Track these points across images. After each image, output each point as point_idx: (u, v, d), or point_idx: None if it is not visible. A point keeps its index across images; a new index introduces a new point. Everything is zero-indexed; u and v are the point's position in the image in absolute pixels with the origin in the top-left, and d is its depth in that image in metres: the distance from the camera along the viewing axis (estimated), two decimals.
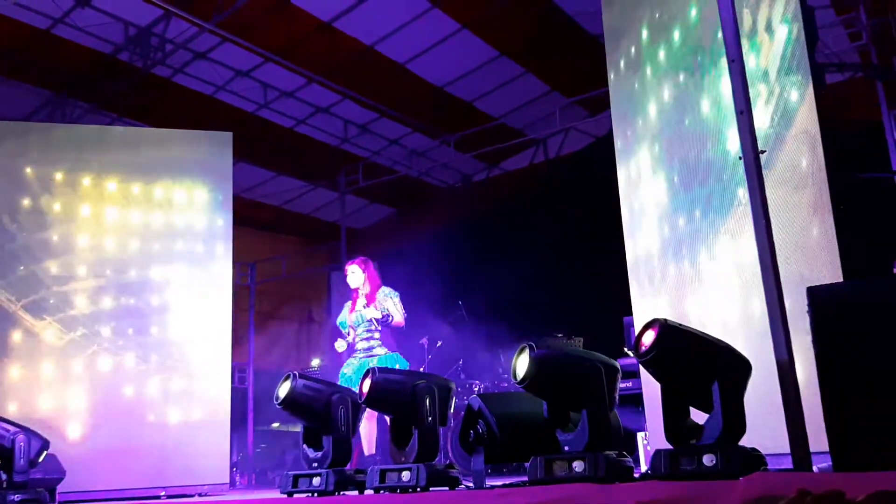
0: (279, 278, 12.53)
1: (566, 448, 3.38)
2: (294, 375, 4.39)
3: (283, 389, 4.36)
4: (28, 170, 8.08)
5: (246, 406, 11.08)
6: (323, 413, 4.31)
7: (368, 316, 6.04)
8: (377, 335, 6.11)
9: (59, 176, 8.12)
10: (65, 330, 7.76)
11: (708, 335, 3.24)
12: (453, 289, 9.67)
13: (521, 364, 3.49)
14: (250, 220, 11.05)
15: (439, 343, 8.86)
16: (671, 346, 3.12)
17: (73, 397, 7.62)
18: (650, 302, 5.66)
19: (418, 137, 11.44)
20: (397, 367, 5.89)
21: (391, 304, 6.08)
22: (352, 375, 5.91)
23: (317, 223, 13.19)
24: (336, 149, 11.42)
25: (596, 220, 7.79)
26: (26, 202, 7.99)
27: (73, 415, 7.56)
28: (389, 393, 4.08)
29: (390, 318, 6.01)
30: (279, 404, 4.38)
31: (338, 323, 6.37)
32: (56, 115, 9.32)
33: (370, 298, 6.14)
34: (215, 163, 8.52)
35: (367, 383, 4.08)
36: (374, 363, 5.83)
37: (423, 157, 11.92)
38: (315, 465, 4.28)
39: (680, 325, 3.22)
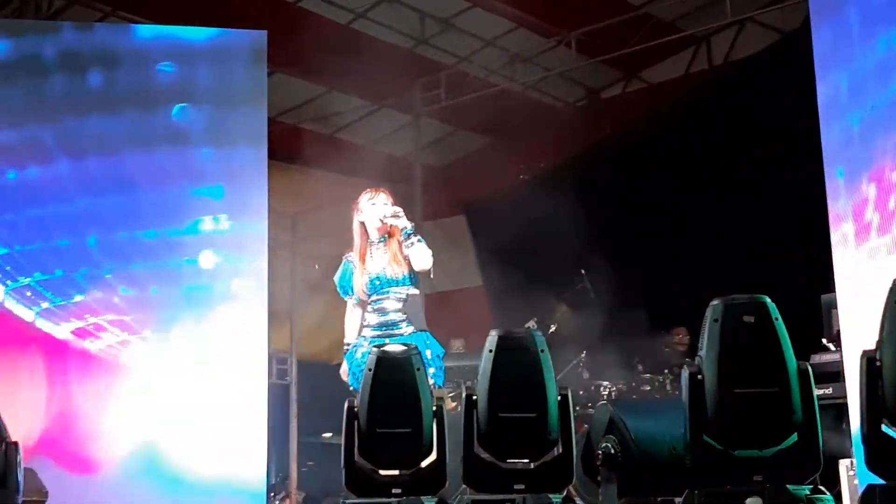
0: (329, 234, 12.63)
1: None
2: None
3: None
4: None
5: (288, 409, 11.20)
6: None
7: (401, 226, 5.75)
8: (402, 306, 5.71)
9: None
10: (57, 311, 7.96)
11: None
12: (573, 253, 9.61)
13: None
14: (291, 155, 11.14)
15: (553, 327, 8.83)
16: None
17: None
18: (863, 269, 5.53)
19: (523, 35, 11.34)
20: (428, 353, 5.69)
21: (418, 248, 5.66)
22: (362, 364, 5.45)
23: (381, 158, 13.27)
24: (409, 52, 11.40)
25: (782, 153, 7.65)
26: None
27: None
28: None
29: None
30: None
31: (337, 285, 6.02)
32: (27, 8, 9.49)
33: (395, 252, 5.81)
34: (243, 74, 8.59)
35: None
36: None
37: (530, 65, 11.82)
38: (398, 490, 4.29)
39: None
